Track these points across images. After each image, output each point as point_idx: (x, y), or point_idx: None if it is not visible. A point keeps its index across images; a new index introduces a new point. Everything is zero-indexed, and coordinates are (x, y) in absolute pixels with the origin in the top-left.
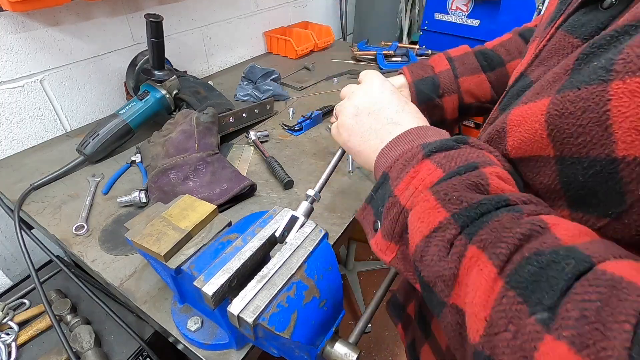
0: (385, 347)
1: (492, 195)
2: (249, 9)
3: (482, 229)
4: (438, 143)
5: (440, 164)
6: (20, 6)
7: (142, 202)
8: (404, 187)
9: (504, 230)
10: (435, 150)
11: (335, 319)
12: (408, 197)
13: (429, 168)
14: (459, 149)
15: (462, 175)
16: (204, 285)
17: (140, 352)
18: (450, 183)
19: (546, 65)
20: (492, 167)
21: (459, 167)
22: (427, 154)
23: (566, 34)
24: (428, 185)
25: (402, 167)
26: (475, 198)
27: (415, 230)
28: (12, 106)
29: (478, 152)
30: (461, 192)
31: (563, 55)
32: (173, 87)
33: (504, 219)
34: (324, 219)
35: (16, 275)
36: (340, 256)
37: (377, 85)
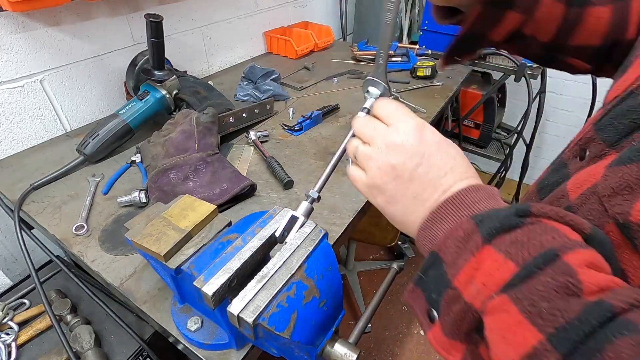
0: (385, 347)
1: (592, 303)
2: (249, 9)
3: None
4: (496, 222)
5: (509, 254)
6: (20, 6)
7: (142, 202)
8: (466, 280)
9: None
10: (496, 233)
11: (335, 319)
12: (475, 295)
13: (495, 259)
14: (526, 227)
15: (542, 270)
16: (204, 285)
17: (140, 352)
18: (533, 287)
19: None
20: (575, 252)
21: (535, 258)
22: (487, 237)
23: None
24: (500, 283)
25: (456, 249)
26: (572, 310)
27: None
28: (12, 106)
29: (550, 230)
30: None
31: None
32: (173, 87)
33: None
34: (324, 219)
35: (16, 275)
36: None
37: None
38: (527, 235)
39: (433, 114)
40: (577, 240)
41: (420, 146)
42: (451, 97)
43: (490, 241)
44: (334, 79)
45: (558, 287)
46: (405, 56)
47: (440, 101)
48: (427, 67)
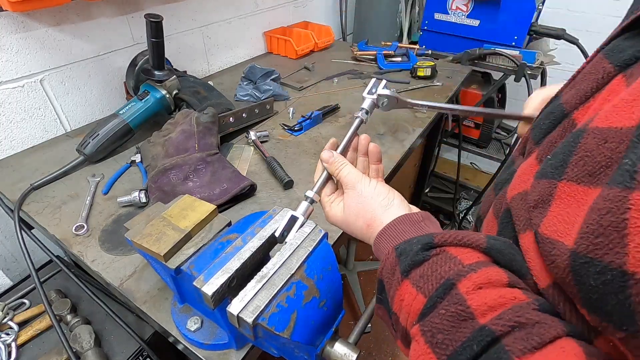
0: (385, 347)
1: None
2: (249, 9)
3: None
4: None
5: (419, 287)
6: (20, 6)
7: (142, 202)
8: (398, 308)
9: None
10: (410, 268)
11: (335, 319)
12: (405, 321)
13: (410, 292)
14: (430, 261)
15: (443, 300)
16: (204, 285)
17: (140, 352)
18: (434, 319)
19: (577, 88)
20: (467, 278)
21: (437, 289)
22: (404, 273)
23: (603, 57)
24: (417, 313)
25: (388, 279)
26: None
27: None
28: (12, 106)
29: (449, 259)
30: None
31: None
32: (173, 87)
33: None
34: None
35: (16, 275)
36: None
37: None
38: (431, 268)
39: (433, 114)
40: (471, 263)
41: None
42: (451, 97)
43: (407, 276)
44: (334, 79)
45: (451, 316)
46: (405, 56)
47: (440, 101)
48: (427, 67)
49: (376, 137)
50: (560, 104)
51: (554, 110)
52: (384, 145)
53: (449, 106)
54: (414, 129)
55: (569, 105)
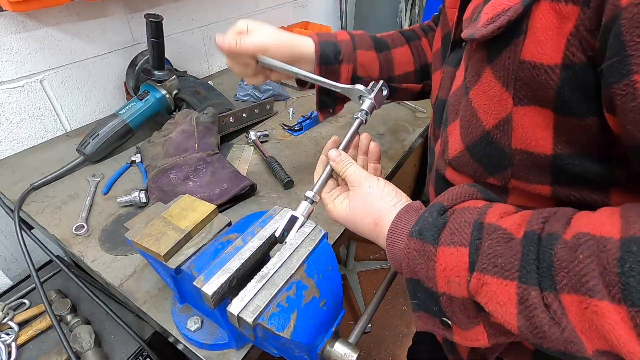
0: (385, 347)
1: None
2: (249, 9)
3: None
4: (433, 228)
5: (454, 242)
6: (20, 6)
7: (142, 202)
8: (445, 282)
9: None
10: (437, 235)
11: (335, 319)
12: (458, 288)
13: (450, 253)
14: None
15: (481, 238)
16: (204, 285)
17: (140, 352)
18: (485, 254)
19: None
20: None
21: (472, 234)
22: (435, 242)
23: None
24: (466, 267)
25: (421, 267)
26: (516, 250)
27: (504, 315)
28: (12, 106)
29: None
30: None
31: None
32: (173, 87)
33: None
34: (324, 218)
35: (16, 275)
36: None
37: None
38: (456, 223)
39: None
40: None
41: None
42: None
43: (438, 243)
44: None
45: (497, 242)
46: None
47: None
48: None
49: (376, 137)
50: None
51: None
52: (383, 145)
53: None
54: (414, 129)
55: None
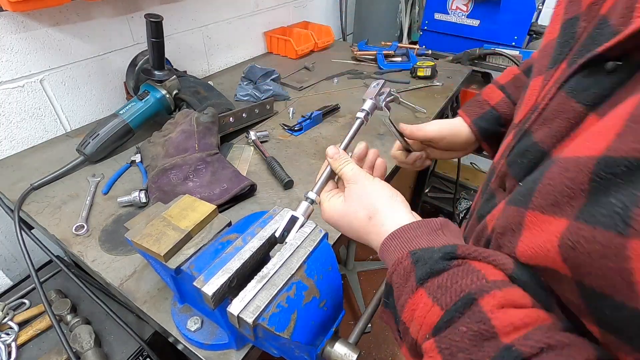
0: (385, 347)
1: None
2: (249, 9)
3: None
4: (428, 266)
5: (435, 297)
6: (20, 6)
7: (142, 202)
8: (409, 318)
9: None
10: (427, 277)
11: (335, 319)
12: (417, 333)
13: (425, 303)
14: (449, 271)
15: (462, 315)
16: (204, 286)
17: (140, 352)
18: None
19: (550, 126)
20: (491, 294)
21: (456, 303)
22: (420, 281)
23: (567, 96)
24: (431, 326)
25: (399, 285)
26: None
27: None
28: (12, 106)
29: (471, 272)
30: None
31: (565, 120)
32: (173, 87)
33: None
34: None
35: (16, 275)
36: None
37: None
38: (450, 280)
39: (433, 114)
40: (495, 280)
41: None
42: (451, 97)
43: (422, 284)
44: (334, 79)
45: (473, 335)
46: (405, 56)
47: (440, 101)
48: (427, 67)
49: (376, 137)
50: (534, 143)
51: (529, 149)
52: (384, 145)
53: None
54: None
55: (546, 145)
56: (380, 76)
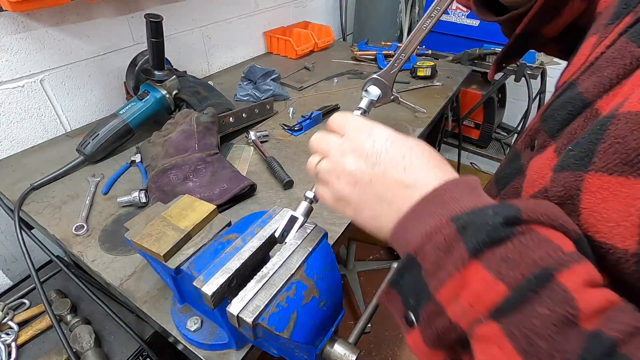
0: (385, 347)
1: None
2: (249, 9)
3: None
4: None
5: (500, 274)
6: (20, 6)
7: (142, 202)
8: (449, 297)
9: None
10: (483, 247)
11: (335, 319)
12: (461, 316)
13: (483, 279)
14: (516, 240)
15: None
16: (204, 285)
17: (140, 352)
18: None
19: (599, 75)
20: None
21: (528, 280)
22: (474, 252)
23: (629, 41)
24: (489, 307)
25: (437, 258)
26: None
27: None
28: (12, 106)
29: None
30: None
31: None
32: (173, 87)
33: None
34: (323, 219)
35: (16, 275)
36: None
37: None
38: (518, 251)
39: (433, 114)
40: (571, 251)
41: (374, 146)
42: (451, 97)
43: (477, 257)
44: (334, 79)
45: (557, 320)
46: None
47: (440, 101)
48: (427, 67)
49: None
50: (578, 93)
51: (571, 100)
52: None
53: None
54: (414, 129)
55: (591, 94)
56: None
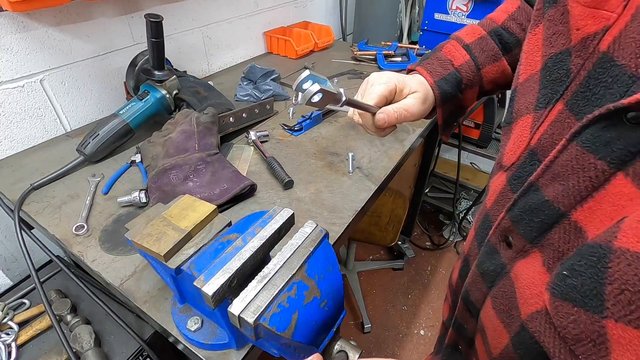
0: (385, 347)
1: None
2: (249, 9)
3: None
4: None
5: None
6: (20, 6)
7: (142, 202)
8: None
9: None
10: None
11: (336, 319)
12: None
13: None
14: None
15: None
16: (204, 285)
17: (140, 352)
18: None
19: (564, 184)
20: None
21: None
22: None
23: (584, 151)
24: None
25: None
26: None
27: None
28: (12, 106)
29: None
30: None
31: (586, 179)
32: (173, 87)
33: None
34: (324, 219)
35: (16, 275)
36: (340, 256)
37: None
38: None
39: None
40: None
41: None
42: None
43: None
44: (334, 79)
45: None
46: (405, 56)
47: None
48: None
49: (376, 137)
50: (547, 201)
51: (541, 208)
52: (384, 145)
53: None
54: (414, 129)
55: (562, 205)
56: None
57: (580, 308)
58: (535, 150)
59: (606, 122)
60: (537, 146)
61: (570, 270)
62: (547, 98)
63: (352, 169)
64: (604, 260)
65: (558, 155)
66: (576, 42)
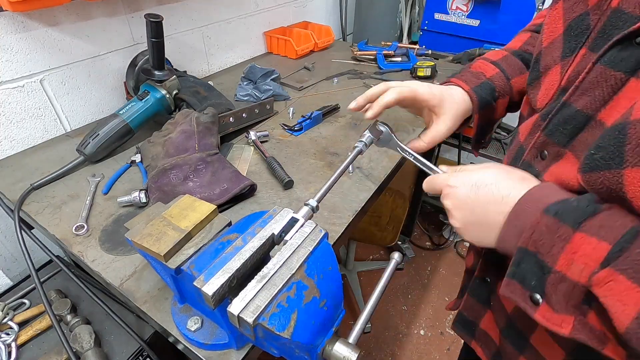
0: (385, 347)
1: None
2: (249, 9)
3: None
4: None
5: (600, 235)
6: (20, 6)
7: (142, 202)
8: (566, 263)
9: None
10: (583, 221)
11: (336, 319)
12: (579, 275)
13: (589, 242)
14: (604, 213)
15: (631, 244)
16: (204, 285)
17: (140, 352)
18: (631, 259)
19: (591, 95)
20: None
21: (624, 236)
22: (575, 226)
23: (606, 67)
24: (600, 259)
25: (543, 240)
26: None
27: (619, 313)
28: (12, 106)
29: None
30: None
31: (608, 87)
32: (173, 87)
33: None
34: (324, 219)
35: (16, 275)
36: (340, 256)
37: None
38: (611, 219)
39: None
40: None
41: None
42: None
43: (578, 229)
44: (334, 79)
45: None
46: (405, 56)
47: None
48: (427, 67)
49: None
50: (578, 111)
51: (573, 116)
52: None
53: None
54: (414, 129)
55: (590, 110)
56: (380, 76)
57: (605, 170)
58: (566, 88)
59: (621, 46)
60: (567, 84)
61: (596, 148)
62: (572, 47)
63: (352, 169)
64: (624, 130)
65: (586, 77)
66: (592, 4)
